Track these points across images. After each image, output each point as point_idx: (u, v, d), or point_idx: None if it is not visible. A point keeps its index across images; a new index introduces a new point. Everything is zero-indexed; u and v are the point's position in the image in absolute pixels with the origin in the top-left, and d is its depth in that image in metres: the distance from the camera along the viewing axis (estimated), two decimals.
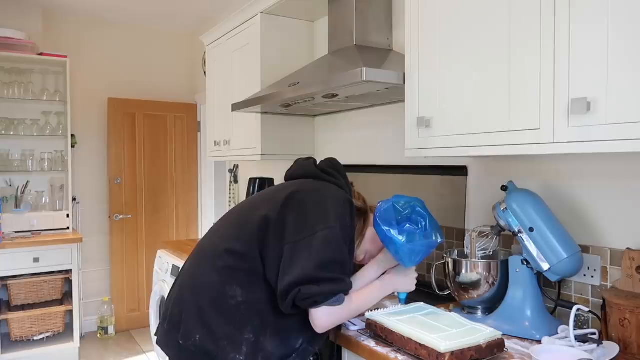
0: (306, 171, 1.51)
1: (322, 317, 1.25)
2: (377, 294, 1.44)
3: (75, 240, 3.70)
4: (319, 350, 1.56)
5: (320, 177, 1.48)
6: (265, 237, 1.31)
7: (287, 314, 1.28)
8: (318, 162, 1.55)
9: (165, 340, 1.37)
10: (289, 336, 1.31)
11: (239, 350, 1.25)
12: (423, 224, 1.42)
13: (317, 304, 1.23)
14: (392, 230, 1.39)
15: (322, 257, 1.23)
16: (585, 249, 1.48)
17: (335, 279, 1.24)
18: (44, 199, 3.94)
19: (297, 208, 1.33)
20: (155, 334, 1.44)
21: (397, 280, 1.48)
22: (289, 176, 1.57)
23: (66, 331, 3.74)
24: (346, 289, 1.27)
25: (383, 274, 1.51)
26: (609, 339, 1.27)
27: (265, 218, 1.32)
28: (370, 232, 1.51)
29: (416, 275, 1.52)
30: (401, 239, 1.39)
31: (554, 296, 1.51)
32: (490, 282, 1.53)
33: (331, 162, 1.53)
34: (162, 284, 2.86)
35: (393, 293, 1.51)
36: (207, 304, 1.29)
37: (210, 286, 1.31)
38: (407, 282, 1.50)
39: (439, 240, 1.43)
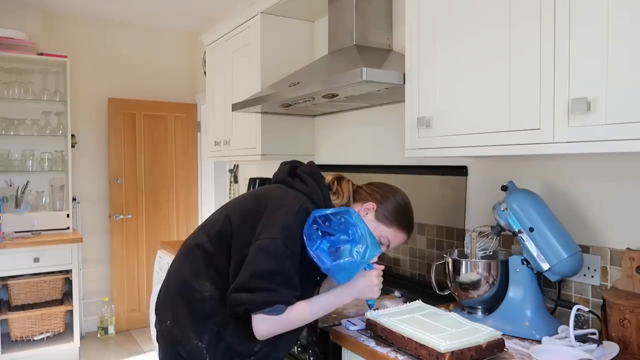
0: (278, 176, 1.51)
1: (259, 325, 1.27)
2: (332, 302, 1.37)
3: (75, 240, 3.70)
4: (318, 350, 1.56)
5: (287, 182, 1.45)
6: (230, 238, 1.37)
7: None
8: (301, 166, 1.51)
9: (154, 323, 1.50)
10: (246, 338, 1.33)
11: (201, 338, 1.33)
12: (352, 235, 1.32)
13: (249, 311, 1.26)
14: (314, 247, 1.29)
15: (258, 267, 1.26)
16: (585, 249, 1.48)
17: (270, 289, 1.25)
18: (44, 199, 3.94)
19: (256, 213, 1.37)
20: None
21: (356, 288, 1.37)
22: (272, 178, 1.57)
23: (66, 331, 3.74)
24: (283, 300, 1.26)
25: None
26: (609, 339, 1.27)
27: (228, 218, 1.40)
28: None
29: (378, 281, 1.39)
30: (322, 256, 1.29)
31: (554, 296, 1.51)
32: (490, 282, 1.53)
33: (308, 167, 1.48)
34: None
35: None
36: (176, 294, 1.40)
37: (181, 278, 1.41)
38: (368, 289, 1.38)
39: (366, 256, 1.31)
